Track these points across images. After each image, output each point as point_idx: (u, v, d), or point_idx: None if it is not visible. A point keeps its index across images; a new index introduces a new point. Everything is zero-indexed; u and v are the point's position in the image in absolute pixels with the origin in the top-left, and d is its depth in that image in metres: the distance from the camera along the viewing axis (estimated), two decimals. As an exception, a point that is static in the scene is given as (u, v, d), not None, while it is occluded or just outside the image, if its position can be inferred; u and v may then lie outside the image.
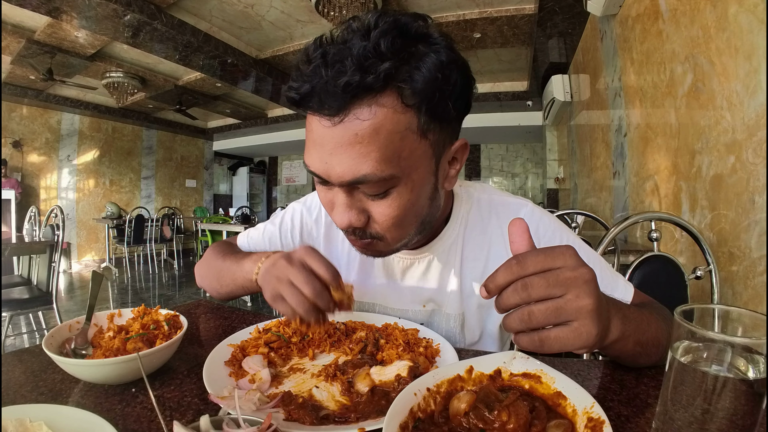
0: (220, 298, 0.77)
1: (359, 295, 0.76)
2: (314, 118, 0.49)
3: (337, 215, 0.53)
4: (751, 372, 0.30)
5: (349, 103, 0.46)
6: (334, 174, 0.49)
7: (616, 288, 0.67)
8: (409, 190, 0.52)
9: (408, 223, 0.56)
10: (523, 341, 0.39)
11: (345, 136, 0.47)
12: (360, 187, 0.50)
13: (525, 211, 0.69)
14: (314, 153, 0.50)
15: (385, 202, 0.52)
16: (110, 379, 0.48)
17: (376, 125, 0.46)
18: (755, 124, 1.12)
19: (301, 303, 0.50)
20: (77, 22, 3.45)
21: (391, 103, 0.47)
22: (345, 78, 0.44)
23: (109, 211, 7.01)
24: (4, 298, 2.35)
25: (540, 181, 7.48)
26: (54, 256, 2.47)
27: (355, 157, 0.47)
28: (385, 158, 0.48)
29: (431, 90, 0.48)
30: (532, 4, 3.38)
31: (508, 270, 0.38)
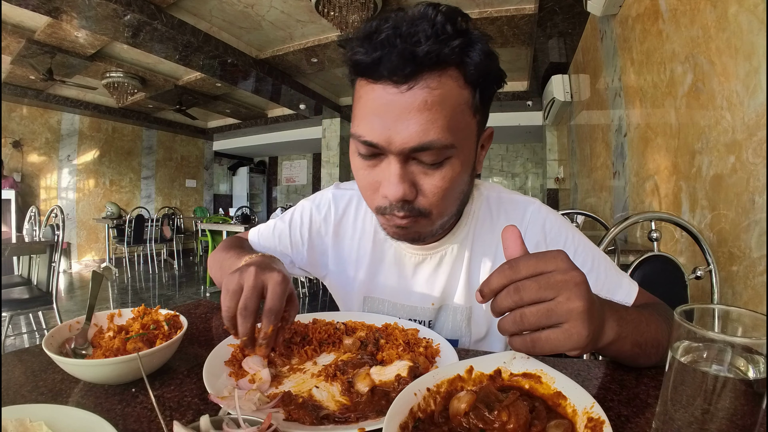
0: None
1: (370, 291, 0.76)
2: (377, 87, 0.50)
3: (390, 187, 0.53)
4: (751, 372, 0.30)
5: (421, 71, 0.48)
6: (399, 140, 0.50)
7: (620, 286, 0.67)
8: (460, 163, 0.55)
9: (453, 198, 0.58)
10: (516, 343, 0.41)
11: (414, 102, 0.49)
12: (418, 156, 0.52)
13: (532, 209, 0.71)
14: (374, 121, 0.51)
15: (438, 173, 0.54)
16: (110, 379, 0.48)
17: (443, 95, 0.50)
18: (755, 124, 1.12)
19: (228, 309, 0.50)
20: (77, 22, 3.45)
21: (456, 77, 0.51)
22: (424, 47, 0.47)
23: (109, 211, 7.01)
24: (4, 298, 2.35)
25: (540, 181, 7.49)
26: (54, 256, 2.47)
27: (423, 122, 0.49)
28: (449, 127, 0.51)
29: (485, 72, 0.53)
30: (532, 4, 3.38)
31: (501, 274, 0.40)
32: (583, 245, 0.69)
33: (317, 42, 4.46)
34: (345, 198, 0.80)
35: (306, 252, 0.81)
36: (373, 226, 0.76)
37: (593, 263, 0.68)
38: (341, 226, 0.79)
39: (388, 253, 0.75)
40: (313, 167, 9.99)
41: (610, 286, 0.67)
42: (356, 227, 0.78)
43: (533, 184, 7.81)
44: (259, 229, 0.87)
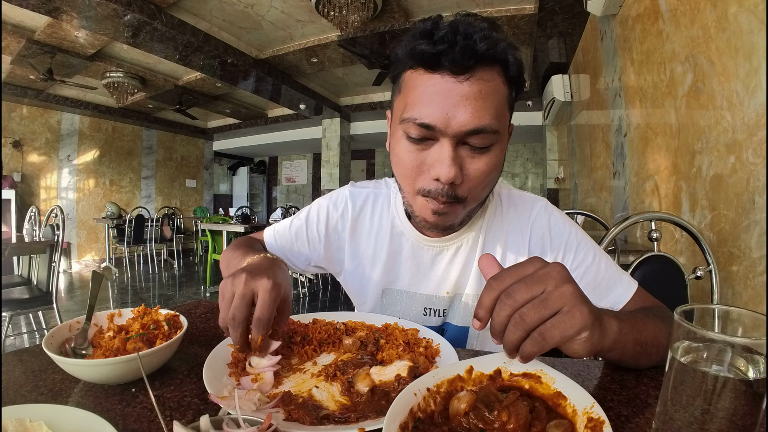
0: None
1: (388, 284, 0.79)
2: (435, 76, 0.56)
3: (443, 168, 0.58)
4: (751, 372, 0.30)
5: (477, 65, 0.55)
6: (456, 123, 0.56)
7: (619, 282, 0.69)
8: (500, 151, 0.62)
9: (489, 184, 0.64)
10: (527, 347, 0.40)
11: (471, 91, 0.56)
12: (470, 140, 0.58)
13: (540, 206, 0.75)
14: (434, 105, 0.56)
15: (484, 158, 0.60)
16: (110, 379, 0.48)
17: (494, 87, 0.57)
18: (755, 124, 1.12)
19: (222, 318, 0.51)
20: (77, 22, 3.45)
21: (500, 74, 0.58)
22: (481, 44, 0.54)
23: (109, 211, 7.01)
24: (4, 298, 2.35)
25: (540, 181, 7.49)
26: (54, 256, 2.47)
27: (480, 108, 0.56)
28: (498, 115, 0.58)
29: (519, 72, 0.60)
30: (532, 4, 3.38)
31: (489, 290, 0.42)
32: (585, 242, 0.72)
33: (317, 42, 4.46)
34: (362, 195, 0.83)
35: (323, 248, 0.83)
36: (390, 221, 0.79)
37: (594, 258, 0.71)
38: (358, 222, 0.82)
39: (405, 246, 0.78)
40: (313, 167, 10.00)
41: (609, 281, 0.69)
42: (373, 223, 0.81)
43: (533, 184, 7.81)
44: (275, 228, 0.89)
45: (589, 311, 0.41)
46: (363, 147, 9.04)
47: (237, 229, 5.09)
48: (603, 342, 0.43)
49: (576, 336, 0.40)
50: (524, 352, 0.40)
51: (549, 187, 5.65)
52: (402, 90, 0.62)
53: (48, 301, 2.44)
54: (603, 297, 0.68)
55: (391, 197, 0.81)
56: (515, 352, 0.41)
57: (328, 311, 0.73)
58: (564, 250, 0.71)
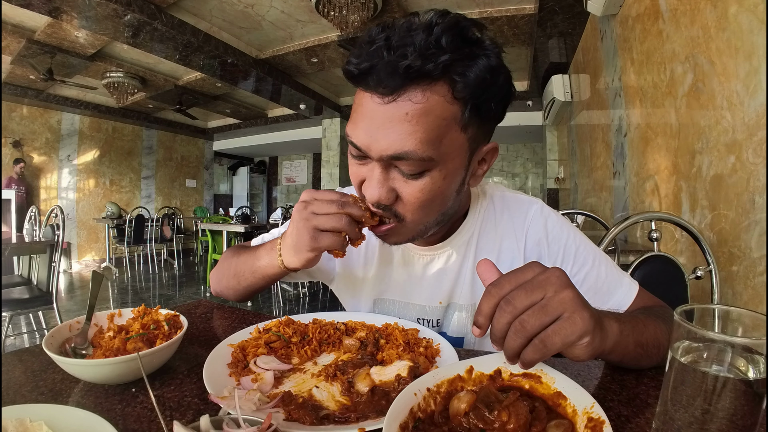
0: (238, 297, 0.77)
1: (380, 293, 0.77)
2: (366, 95, 0.52)
3: (369, 189, 0.56)
4: (751, 372, 0.30)
5: (405, 85, 0.49)
6: (378, 147, 0.52)
7: (620, 284, 0.68)
8: (441, 177, 0.55)
9: (433, 209, 0.58)
10: (528, 353, 0.39)
11: (396, 114, 0.50)
12: (398, 164, 0.54)
13: (535, 208, 0.72)
14: (361, 126, 0.53)
15: (417, 183, 0.55)
16: (110, 379, 0.48)
17: (426, 109, 0.50)
18: (755, 124, 1.12)
19: (338, 219, 0.55)
20: (77, 22, 3.45)
21: (443, 92, 0.51)
22: (407, 62, 0.48)
23: (109, 211, 7.01)
24: (4, 298, 2.35)
25: (540, 181, 7.48)
26: (54, 255, 2.47)
27: (402, 133, 0.51)
28: (428, 140, 0.51)
29: (480, 89, 0.52)
30: (532, 4, 3.38)
31: (488, 297, 0.41)
32: (584, 245, 0.70)
33: (317, 42, 4.46)
34: None
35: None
36: None
37: (594, 262, 0.69)
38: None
39: (396, 254, 0.76)
40: (313, 167, 9.99)
41: (610, 284, 0.68)
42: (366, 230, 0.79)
43: (533, 184, 7.80)
44: (263, 237, 0.88)
45: (590, 316, 0.40)
46: (363, 147, 9.02)
47: (237, 229, 5.09)
48: (604, 345, 0.43)
49: (577, 341, 0.40)
50: (525, 359, 0.39)
51: (549, 187, 5.64)
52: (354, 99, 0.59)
53: (48, 301, 2.44)
54: (605, 302, 0.67)
55: None
56: (516, 358, 0.40)
57: (328, 311, 0.73)
58: (563, 255, 0.69)
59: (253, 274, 0.69)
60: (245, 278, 0.71)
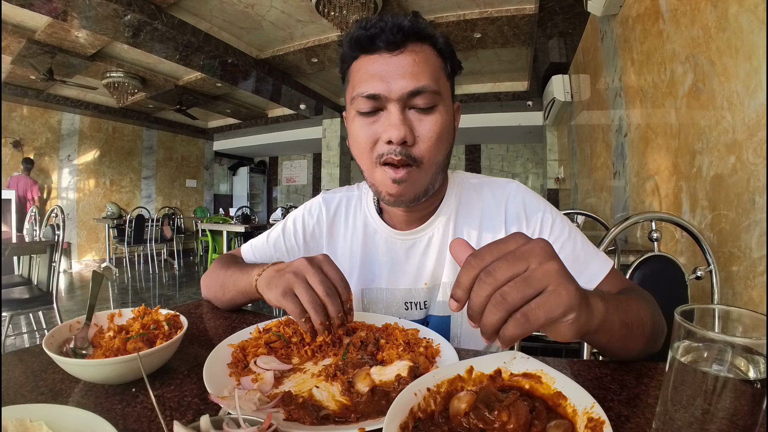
0: (224, 307, 0.81)
1: (367, 282, 0.80)
2: (374, 57, 0.64)
3: (393, 129, 0.62)
4: (751, 372, 0.30)
5: (407, 41, 0.64)
6: (398, 87, 0.62)
7: (595, 257, 0.70)
8: (445, 112, 0.67)
9: (441, 148, 0.67)
10: (509, 328, 0.36)
11: (406, 60, 0.63)
12: (414, 101, 0.63)
13: (513, 186, 0.77)
14: (376, 78, 0.63)
15: (431, 117, 0.65)
16: (110, 379, 0.48)
17: (426, 56, 0.65)
18: (756, 124, 1.12)
19: (313, 300, 0.54)
20: (78, 22, 3.45)
21: (431, 47, 0.67)
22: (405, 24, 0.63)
23: (109, 211, 7.01)
24: (4, 298, 2.35)
25: (540, 181, 7.48)
26: (54, 255, 2.47)
27: (416, 73, 0.63)
28: (434, 78, 0.65)
29: (448, 49, 0.69)
30: (533, 4, 3.38)
31: (468, 268, 0.38)
32: (560, 218, 0.73)
33: (317, 42, 4.46)
34: (335, 200, 0.86)
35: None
36: (363, 221, 0.82)
37: (569, 234, 0.71)
38: (334, 226, 0.84)
39: (380, 243, 0.80)
40: (313, 167, 10.00)
41: (586, 256, 0.69)
42: (347, 225, 0.83)
43: (533, 184, 7.80)
44: (251, 243, 0.91)
45: (576, 290, 0.38)
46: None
47: (237, 229, 5.09)
48: (590, 323, 0.41)
49: (562, 317, 0.37)
50: (505, 335, 0.36)
51: (549, 187, 5.64)
52: (350, 79, 0.69)
53: (48, 301, 2.44)
54: (581, 272, 0.67)
55: (362, 198, 0.84)
56: (494, 335, 0.37)
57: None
58: (540, 226, 0.72)
59: (236, 287, 0.74)
60: (229, 291, 0.76)
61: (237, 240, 6.12)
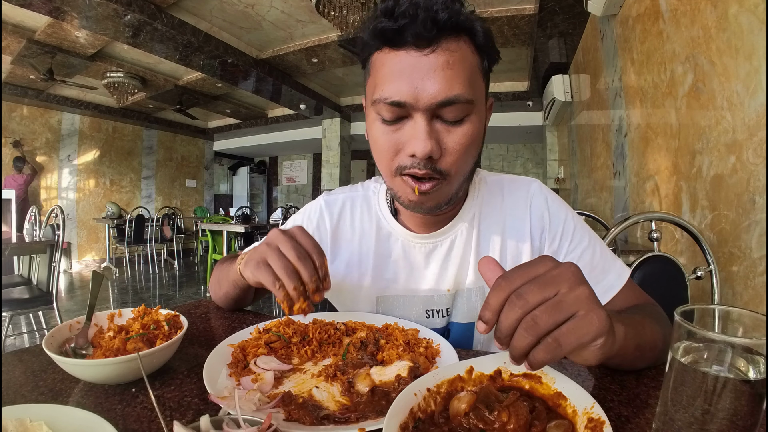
0: (223, 305, 0.80)
1: (381, 291, 0.75)
2: (400, 53, 0.55)
3: (420, 142, 0.56)
4: (751, 372, 0.30)
5: (441, 36, 0.54)
6: (426, 95, 0.54)
7: (613, 266, 0.68)
8: (478, 121, 0.59)
9: (470, 157, 0.62)
10: (540, 353, 0.36)
11: (438, 62, 0.54)
12: (443, 112, 0.56)
13: (535, 186, 0.74)
14: (402, 81, 0.55)
15: (460, 129, 0.58)
16: (110, 379, 0.48)
17: (462, 56, 0.56)
18: (756, 124, 1.12)
19: (284, 266, 0.51)
20: (78, 22, 3.45)
21: (468, 42, 0.57)
22: (443, 15, 0.53)
23: (109, 211, 7.01)
24: (4, 298, 2.35)
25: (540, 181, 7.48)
26: (54, 255, 2.47)
27: (448, 79, 0.54)
28: (469, 83, 0.56)
29: (488, 42, 0.59)
30: (533, 4, 3.38)
31: (498, 290, 0.38)
32: (581, 224, 0.72)
33: (317, 42, 4.46)
34: (338, 203, 0.80)
35: None
36: (375, 224, 0.76)
37: (590, 241, 0.70)
38: (338, 231, 0.78)
39: (395, 248, 0.74)
40: (313, 167, 10.00)
41: (605, 264, 0.68)
42: (354, 229, 0.77)
43: (533, 184, 7.79)
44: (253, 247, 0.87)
45: (606, 317, 0.37)
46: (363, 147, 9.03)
47: (237, 229, 5.09)
48: (613, 349, 0.40)
49: (592, 342, 0.37)
50: (535, 360, 0.36)
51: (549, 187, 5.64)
52: (371, 72, 0.60)
53: (48, 301, 2.44)
54: (598, 281, 0.66)
55: (370, 199, 0.78)
56: (523, 358, 0.37)
57: (328, 311, 0.73)
58: (562, 232, 0.70)
59: (227, 279, 0.72)
60: (223, 285, 0.75)
61: (237, 240, 6.12)
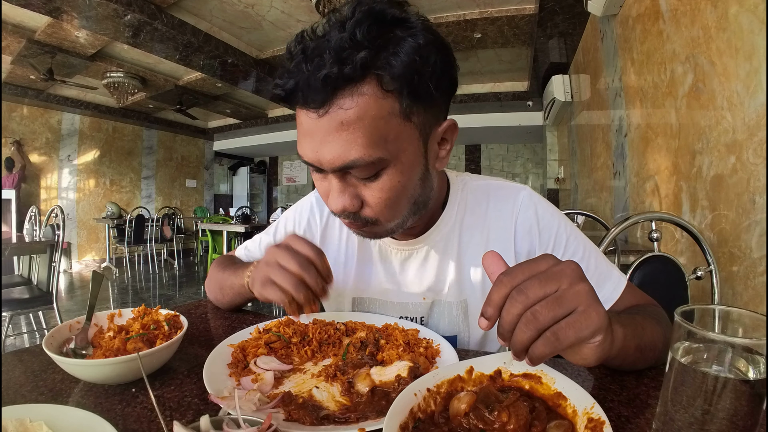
0: (226, 308, 0.81)
1: (359, 292, 0.76)
2: (302, 111, 0.51)
3: (332, 200, 0.55)
4: (751, 373, 0.30)
5: (332, 94, 0.48)
6: (325, 161, 0.51)
7: (609, 277, 0.66)
8: (399, 172, 0.54)
9: (401, 204, 0.57)
10: (539, 347, 0.37)
11: (331, 125, 0.49)
12: (351, 171, 0.53)
13: (524, 194, 0.70)
14: (305, 143, 0.53)
15: (376, 184, 0.54)
16: (110, 379, 0.48)
17: (359, 113, 0.48)
18: (756, 124, 1.12)
19: (289, 279, 0.53)
20: (78, 22, 3.45)
21: (372, 90, 0.48)
22: (324, 71, 0.46)
23: (109, 211, 7.01)
24: (4, 298, 2.35)
25: (540, 181, 7.48)
26: (54, 255, 2.47)
27: (343, 143, 0.49)
28: (372, 143, 0.50)
29: (410, 74, 0.49)
30: (533, 4, 3.38)
31: (499, 286, 0.39)
32: (574, 234, 0.68)
33: (317, 42, 4.46)
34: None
35: None
36: None
37: (584, 252, 0.67)
38: (327, 230, 0.80)
39: (374, 251, 0.75)
40: (313, 167, 9.98)
41: (599, 277, 0.65)
42: (342, 228, 0.78)
43: (533, 184, 7.80)
44: (246, 245, 0.89)
45: (605, 313, 0.38)
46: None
47: (237, 229, 5.09)
48: (611, 349, 0.41)
49: (590, 338, 0.38)
50: (535, 354, 0.37)
51: (549, 187, 5.64)
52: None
53: (48, 301, 2.44)
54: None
55: None
56: (524, 353, 0.38)
57: (328, 311, 0.73)
58: (554, 244, 0.67)
59: (232, 289, 0.73)
60: (227, 293, 0.76)
61: (237, 240, 6.11)
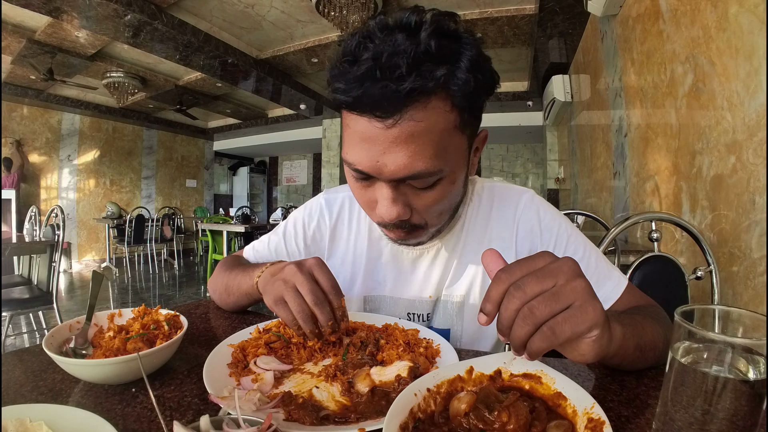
0: (231, 309, 0.80)
1: (369, 290, 0.78)
2: (362, 119, 0.50)
3: (384, 209, 0.55)
4: (751, 373, 0.30)
5: (407, 105, 0.48)
6: (387, 171, 0.51)
7: (609, 277, 0.67)
8: (451, 182, 0.56)
9: (447, 210, 0.61)
10: (536, 341, 0.37)
11: (401, 136, 0.49)
12: (410, 182, 0.54)
13: (526, 197, 0.72)
14: (362, 151, 0.52)
15: (431, 194, 0.55)
16: (110, 379, 0.48)
17: (429, 126, 0.49)
18: (756, 124, 1.12)
19: (302, 310, 0.53)
20: (78, 22, 3.45)
21: (442, 104, 0.50)
22: (407, 84, 0.46)
23: (109, 211, 7.01)
24: (4, 298, 2.35)
25: (540, 181, 7.48)
26: (54, 255, 2.47)
27: (411, 155, 0.50)
28: (436, 154, 0.51)
29: (473, 89, 0.51)
30: (533, 4, 3.38)
31: (498, 282, 0.39)
32: (575, 235, 0.70)
33: (317, 42, 4.46)
34: (338, 201, 0.82)
35: None
36: (368, 225, 0.78)
37: (584, 253, 0.68)
38: (337, 229, 0.81)
39: (385, 250, 0.76)
40: (313, 167, 9.99)
41: (599, 277, 0.66)
42: (351, 228, 0.80)
43: (533, 185, 7.80)
44: (253, 246, 0.88)
45: (601, 309, 0.39)
46: (363, 147, 9.02)
47: (237, 229, 5.09)
48: (609, 347, 0.42)
49: (587, 333, 0.38)
50: (532, 348, 0.38)
51: (549, 187, 5.64)
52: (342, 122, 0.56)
53: (48, 301, 2.44)
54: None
55: None
56: (522, 348, 0.38)
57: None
58: (554, 244, 0.69)
59: (239, 289, 0.73)
60: (233, 293, 0.75)
61: (237, 240, 6.12)
